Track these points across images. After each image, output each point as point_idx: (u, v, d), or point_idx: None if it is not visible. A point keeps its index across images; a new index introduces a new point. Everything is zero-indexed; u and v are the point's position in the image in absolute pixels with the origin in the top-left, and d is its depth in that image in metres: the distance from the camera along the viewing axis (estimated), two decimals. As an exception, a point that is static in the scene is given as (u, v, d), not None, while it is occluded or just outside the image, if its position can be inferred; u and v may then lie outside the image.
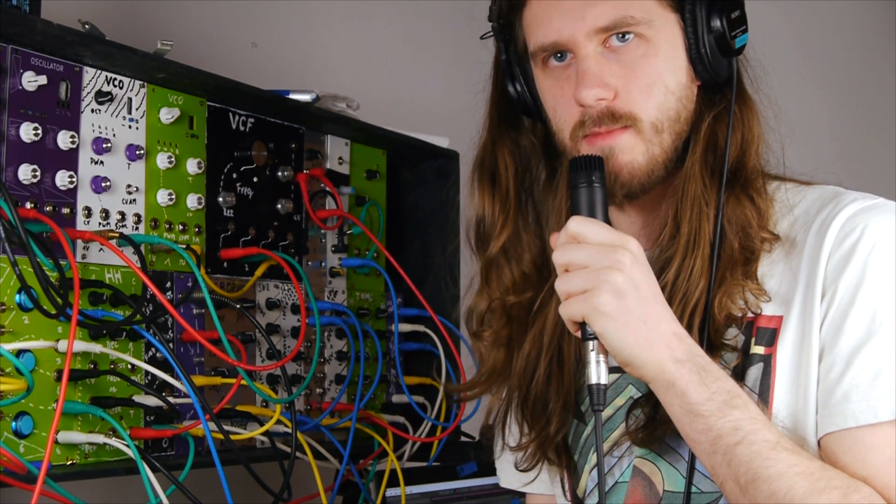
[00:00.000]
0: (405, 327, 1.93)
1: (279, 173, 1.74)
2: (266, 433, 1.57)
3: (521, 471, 1.51)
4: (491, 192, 1.49)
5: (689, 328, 1.29)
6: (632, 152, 1.33)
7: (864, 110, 3.99)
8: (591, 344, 1.25)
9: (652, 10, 1.33)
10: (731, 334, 1.33)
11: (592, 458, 1.44)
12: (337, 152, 1.87)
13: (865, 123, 3.99)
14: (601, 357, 1.25)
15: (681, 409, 1.23)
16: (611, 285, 1.21)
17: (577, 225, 1.26)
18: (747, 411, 1.21)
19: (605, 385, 1.26)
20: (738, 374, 1.31)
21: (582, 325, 1.25)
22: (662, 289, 1.29)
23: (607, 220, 1.29)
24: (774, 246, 1.34)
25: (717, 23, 1.34)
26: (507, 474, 1.60)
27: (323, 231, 1.83)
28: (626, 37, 1.32)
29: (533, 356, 1.46)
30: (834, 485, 1.19)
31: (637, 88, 1.33)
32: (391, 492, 1.79)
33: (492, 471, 1.90)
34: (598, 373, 1.25)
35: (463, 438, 1.97)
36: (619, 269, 1.22)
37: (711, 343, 1.31)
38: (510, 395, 1.50)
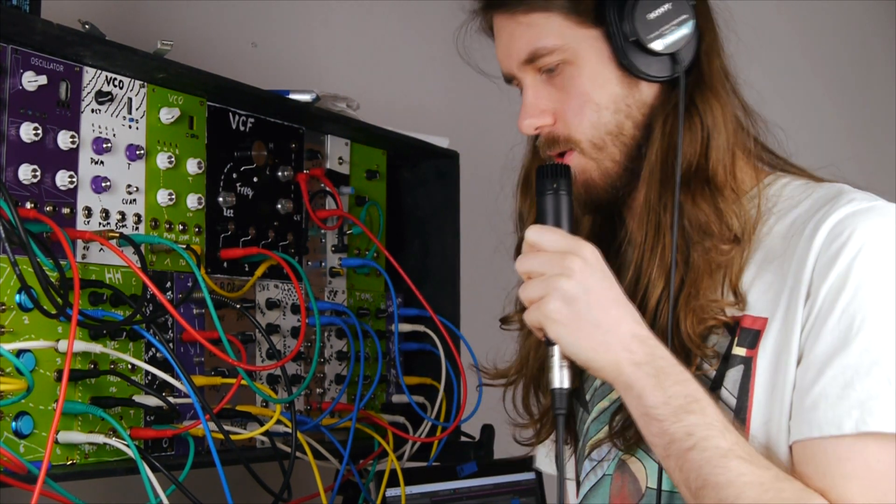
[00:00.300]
0: (405, 327, 1.93)
1: (279, 173, 1.74)
2: (266, 433, 1.57)
3: (524, 444, 1.55)
4: (525, 196, 1.52)
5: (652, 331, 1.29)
6: (584, 172, 1.37)
7: (868, 107, 3.99)
8: (552, 349, 1.27)
9: (565, 33, 1.35)
10: (713, 341, 1.32)
11: (587, 448, 1.45)
12: (337, 152, 1.87)
13: (869, 120, 3.99)
14: (564, 362, 1.27)
15: (637, 411, 1.24)
16: (560, 292, 1.23)
17: (534, 234, 1.29)
18: (703, 417, 1.21)
19: (566, 389, 1.27)
20: (719, 376, 1.30)
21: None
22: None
23: (571, 227, 1.30)
24: (737, 252, 1.31)
25: (629, 27, 1.33)
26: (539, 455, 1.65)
27: (323, 231, 1.83)
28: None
29: (535, 336, 1.46)
30: (784, 496, 1.18)
31: (570, 111, 1.36)
32: (391, 492, 1.79)
33: (492, 471, 1.90)
34: (560, 377, 1.27)
35: (463, 438, 1.97)
36: (568, 275, 1.24)
37: (685, 348, 1.30)
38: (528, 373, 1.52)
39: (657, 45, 1.34)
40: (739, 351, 1.30)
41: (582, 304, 1.23)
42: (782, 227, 1.33)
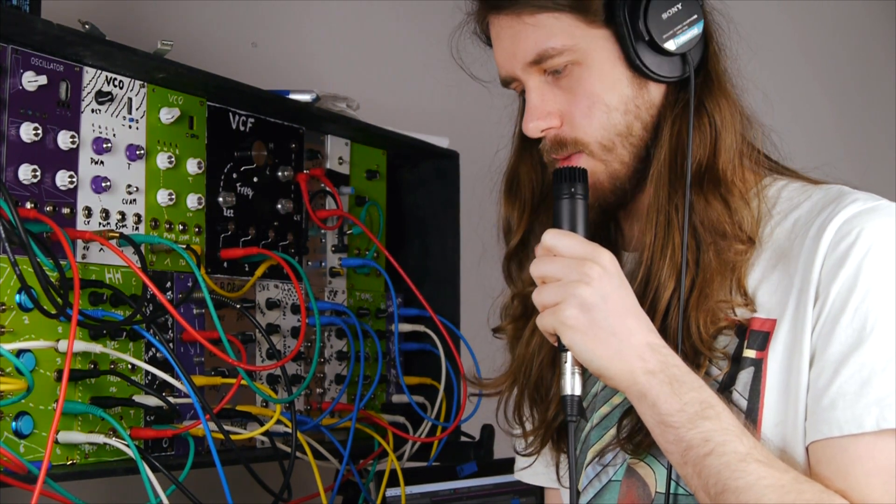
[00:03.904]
0: (405, 327, 1.93)
1: (279, 173, 1.74)
2: (266, 433, 1.57)
3: (523, 455, 1.53)
4: (512, 201, 1.51)
5: (662, 336, 1.28)
6: (593, 174, 1.35)
7: (866, 107, 3.99)
8: (565, 356, 1.27)
9: (575, 33, 1.34)
10: (723, 343, 1.32)
11: (589, 455, 1.44)
12: (337, 152, 1.87)
13: (867, 120, 4.00)
14: (576, 369, 1.27)
15: (653, 419, 1.23)
16: (577, 299, 1.22)
17: (552, 238, 1.28)
18: (719, 422, 1.21)
19: (578, 396, 1.27)
20: (729, 379, 1.30)
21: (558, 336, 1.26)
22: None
23: (587, 232, 1.30)
24: (752, 252, 1.32)
25: (642, 28, 1.33)
26: (517, 461, 1.62)
27: (323, 231, 1.83)
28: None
29: (535, 343, 1.46)
30: (805, 498, 1.17)
31: (579, 113, 1.35)
32: (391, 492, 1.79)
33: (492, 471, 1.90)
34: (572, 384, 1.27)
35: (463, 438, 1.97)
36: (587, 282, 1.23)
37: (695, 350, 1.30)
38: (521, 381, 1.51)
39: (671, 45, 1.34)
40: (749, 353, 1.31)
41: (599, 312, 1.22)
42: (784, 229, 1.33)
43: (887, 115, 3.98)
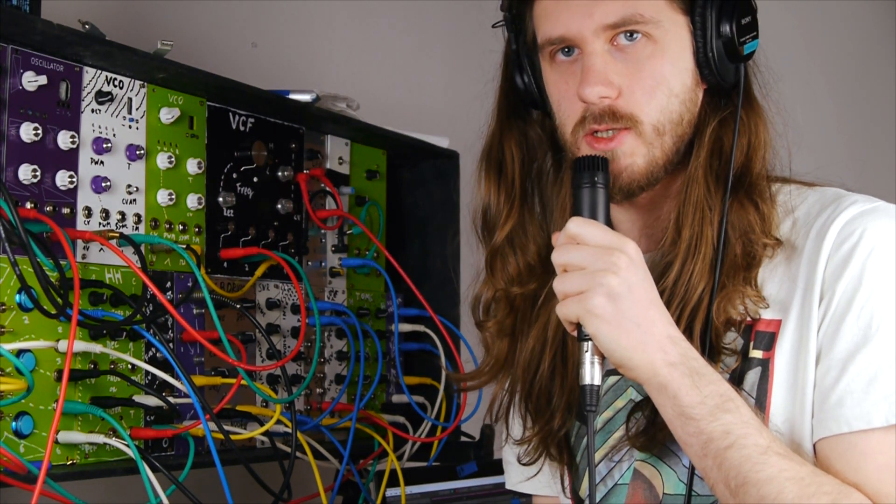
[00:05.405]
0: (405, 327, 1.93)
1: (279, 173, 1.74)
2: (266, 433, 1.57)
3: (524, 464, 1.51)
4: (497, 182, 1.48)
5: (688, 331, 1.30)
6: (632, 155, 1.33)
7: (869, 111, 3.99)
8: (585, 345, 1.26)
9: (661, 10, 1.33)
10: (731, 338, 1.33)
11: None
12: (337, 152, 1.87)
13: (871, 124, 4.00)
14: (595, 358, 1.26)
15: (673, 411, 1.23)
16: (605, 288, 1.22)
17: (577, 226, 1.26)
18: (739, 415, 1.21)
19: (597, 386, 1.26)
20: (737, 378, 1.31)
21: (578, 325, 1.25)
22: (661, 293, 1.29)
23: (608, 222, 1.29)
24: (777, 252, 1.33)
25: (726, 28, 1.34)
26: (511, 474, 1.61)
27: (323, 231, 1.84)
28: (634, 36, 1.32)
29: (537, 350, 1.46)
30: (824, 490, 1.18)
31: (641, 89, 1.33)
32: (391, 492, 1.79)
33: (492, 471, 1.90)
34: (591, 374, 1.26)
35: (463, 438, 1.97)
36: (615, 272, 1.22)
37: (712, 347, 1.31)
38: (513, 386, 1.51)
39: (746, 50, 1.35)
40: (756, 354, 1.31)
41: (625, 302, 1.22)
42: (783, 232, 1.35)
43: (888, 115, 3.99)
